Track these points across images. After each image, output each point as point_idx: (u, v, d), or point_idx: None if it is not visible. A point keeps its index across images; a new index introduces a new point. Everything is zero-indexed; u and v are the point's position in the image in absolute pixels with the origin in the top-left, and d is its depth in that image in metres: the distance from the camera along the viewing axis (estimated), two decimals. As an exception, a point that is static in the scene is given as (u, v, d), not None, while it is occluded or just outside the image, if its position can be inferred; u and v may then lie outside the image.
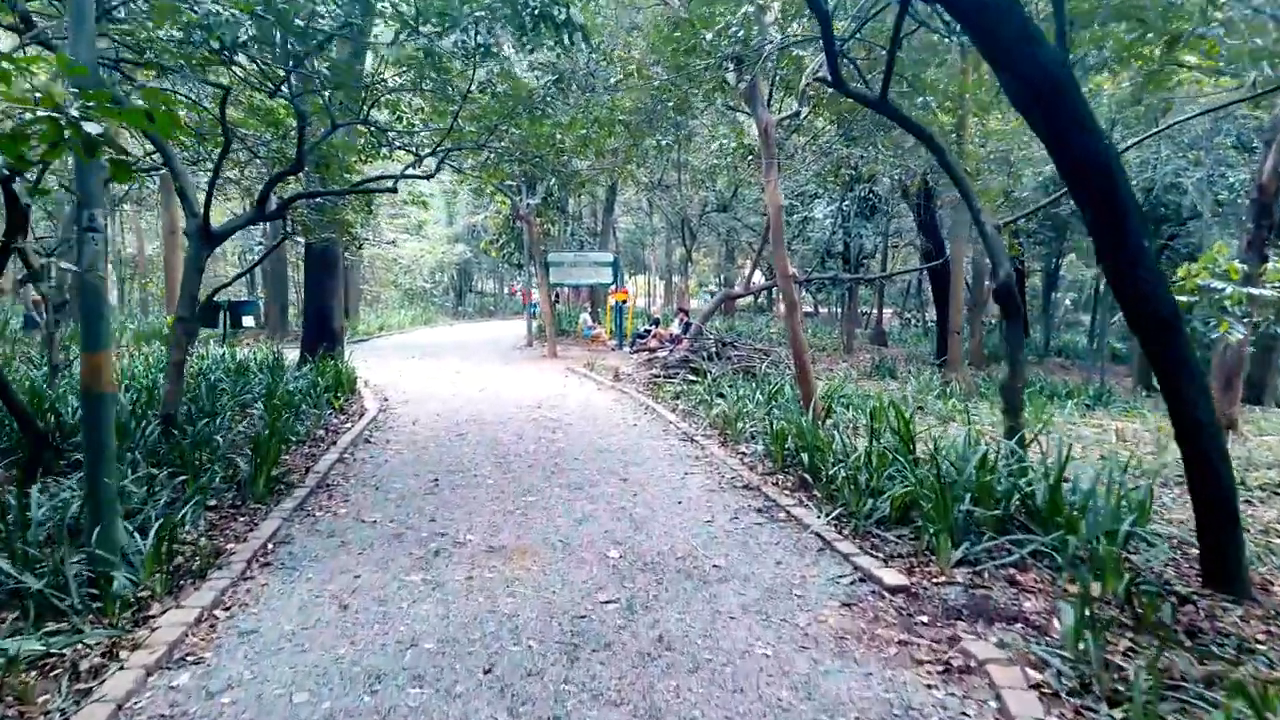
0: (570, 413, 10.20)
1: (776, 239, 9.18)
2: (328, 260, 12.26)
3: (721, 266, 35.67)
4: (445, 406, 10.65)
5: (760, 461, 7.32)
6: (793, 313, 9.20)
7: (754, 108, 9.01)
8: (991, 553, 4.79)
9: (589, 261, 21.86)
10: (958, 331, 13.02)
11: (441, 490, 6.35)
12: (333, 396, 10.19)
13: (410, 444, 8.18)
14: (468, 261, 38.09)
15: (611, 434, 8.81)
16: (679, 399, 10.92)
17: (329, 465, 6.95)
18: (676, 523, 5.52)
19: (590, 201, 31.05)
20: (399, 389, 12.33)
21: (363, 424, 8.97)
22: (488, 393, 12.06)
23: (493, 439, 8.43)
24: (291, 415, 8.28)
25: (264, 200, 7.91)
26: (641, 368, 13.97)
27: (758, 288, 20.09)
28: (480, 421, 9.50)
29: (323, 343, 12.22)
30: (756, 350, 13.23)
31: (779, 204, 9.12)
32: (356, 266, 28.48)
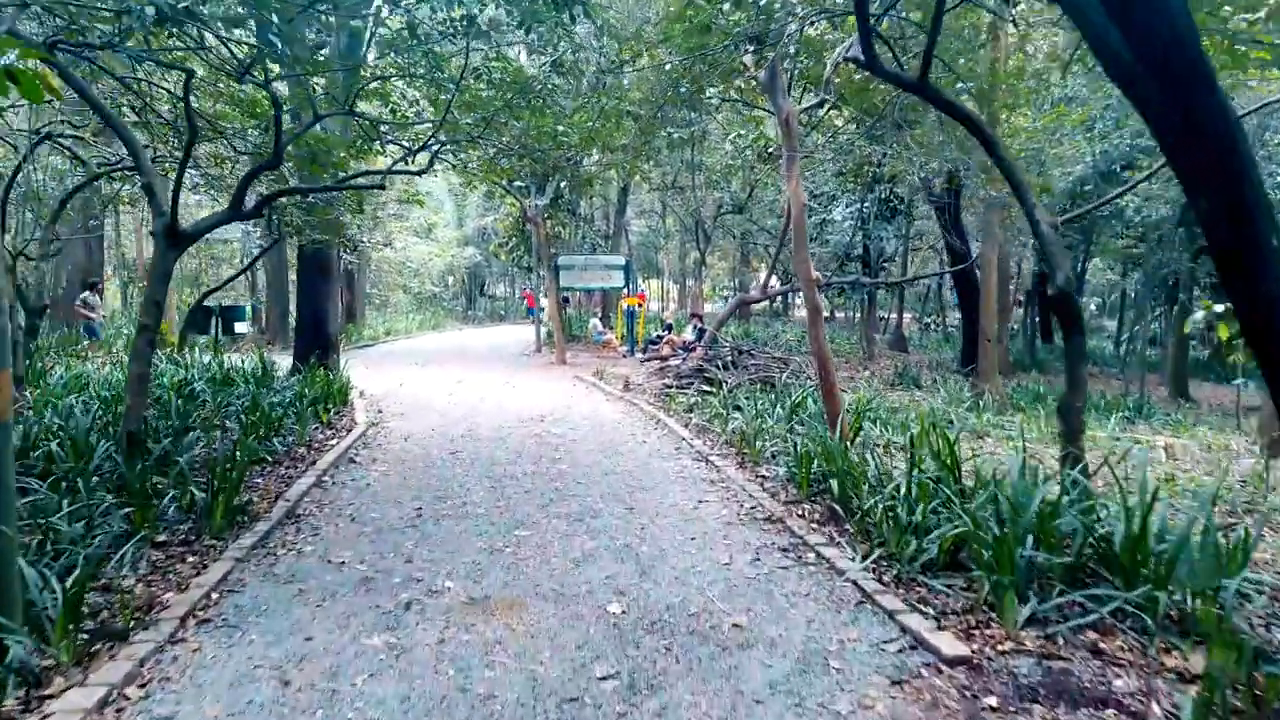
0: (575, 427, 9.48)
1: (798, 239, 8.43)
2: (321, 263, 11.61)
3: (736, 270, 34.90)
4: (442, 419, 9.95)
5: (783, 487, 6.56)
6: (816, 320, 8.44)
7: (774, 96, 8.27)
8: (1064, 610, 4.02)
9: (600, 265, 21.19)
10: (990, 339, 12.22)
11: (424, 522, 5.63)
12: (321, 409, 9.52)
13: (398, 464, 7.48)
14: (478, 265, 37.48)
15: (619, 452, 8.08)
16: (692, 412, 10.18)
17: (303, 491, 6.25)
18: (689, 565, 4.77)
19: (602, 204, 30.39)
20: (396, 399, 11.65)
21: (349, 440, 8.28)
22: (489, 404, 11.36)
23: (489, 458, 7.71)
24: (268, 432, 7.60)
25: (240, 197, 7.24)
26: (653, 377, 13.24)
27: (775, 292, 19.28)
28: (477, 437, 8.79)
29: (316, 350, 11.57)
30: (775, 359, 12.47)
31: (801, 201, 8.37)
32: (363, 270, 27.90)
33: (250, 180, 7.25)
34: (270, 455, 7.26)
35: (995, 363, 12.42)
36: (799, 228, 8.40)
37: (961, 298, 18.27)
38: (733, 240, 31.72)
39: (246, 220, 7.68)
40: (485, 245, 33.13)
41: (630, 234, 34.87)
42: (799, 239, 8.43)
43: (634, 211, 36.61)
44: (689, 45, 8.01)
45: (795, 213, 8.41)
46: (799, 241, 8.43)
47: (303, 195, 8.84)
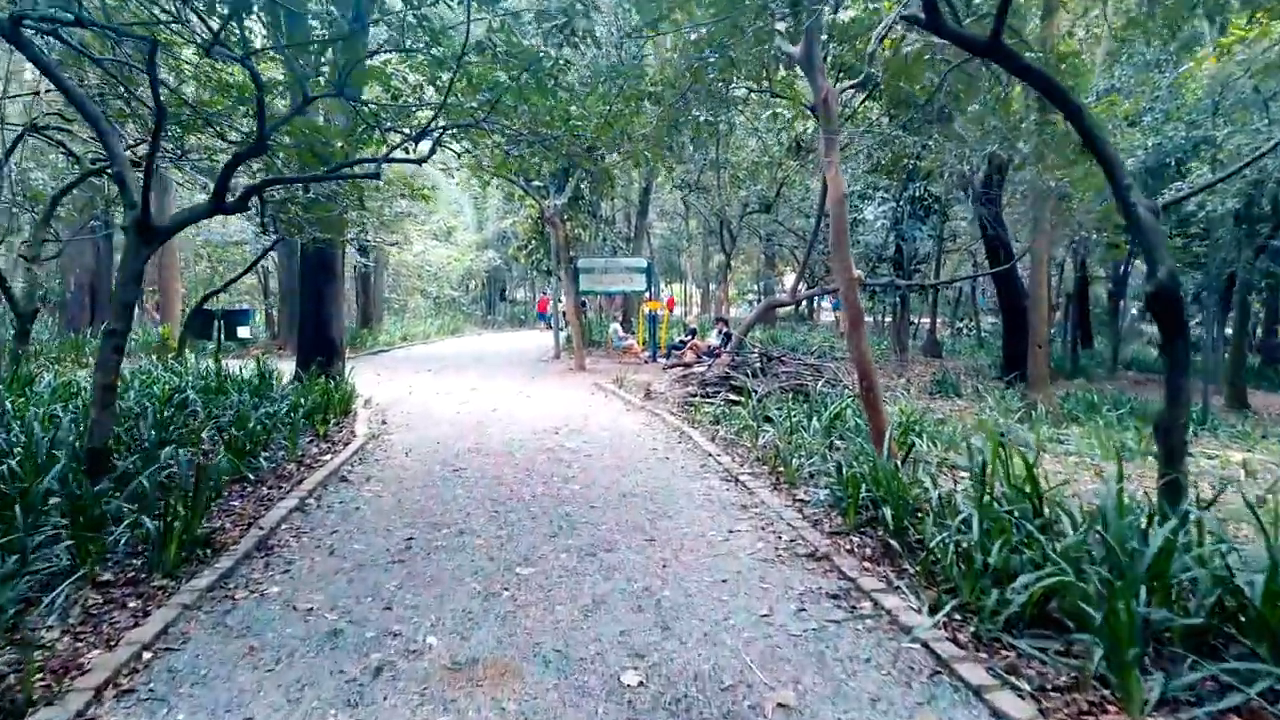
0: (591, 440, 8.71)
1: (838, 235, 7.60)
2: (325, 264, 10.95)
3: (761, 273, 34.01)
4: (449, 431, 9.23)
5: (826, 515, 5.73)
6: (857, 325, 7.61)
7: (810, 73, 7.47)
8: (1197, 689, 3.18)
9: (621, 267, 20.45)
10: (1041, 345, 11.30)
11: (413, 556, 4.88)
12: (318, 420, 8.84)
13: (394, 483, 6.74)
14: (497, 269, 36.88)
15: (638, 470, 7.29)
16: (719, 424, 9.38)
17: (281, 516, 5.53)
18: (721, 617, 3.97)
19: (624, 205, 29.65)
20: (402, 409, 10.95)
21: (345, 455, 7.57)
22: (501, 414, 10.62)
23: (494, 477, 6.96)
24: (253, 447, 6.90)
25: (222, 188, 6.56)
26: (676, 385, 12.44)
27: (806, 295, 18.38)
28: (485, 452, 8.05)
29: (319, 357, 10.90)
30: (807, 365, 11.63)
31: (841, 192, 7.55)
32: (380, 273, 27.38)
33: (233, 169, 6.56)
34: (253, 473, 6.56)
35: (1046, 371, 11.49)
36: (839, 220, 7.58)
37: (1003, 300, 17.30)
38: (758, 242, 30.83)
39: (231, 213, 7.01)
40: (505, 249, 32.51)
41: (652, 236, 34.12)
42: (839, 234, 7.60)
43: (656, 213, 35.85)
44: (717, 6, 7.18)
45: (834, 203, 7.59)
46: (839, 237, 7.61)
47: (294, 187, 8.18)
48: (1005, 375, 16.17)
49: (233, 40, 5.93)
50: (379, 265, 27.09)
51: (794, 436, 7.71)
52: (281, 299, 20.76)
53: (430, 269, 32.18)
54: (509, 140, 7.59)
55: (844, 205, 7.62)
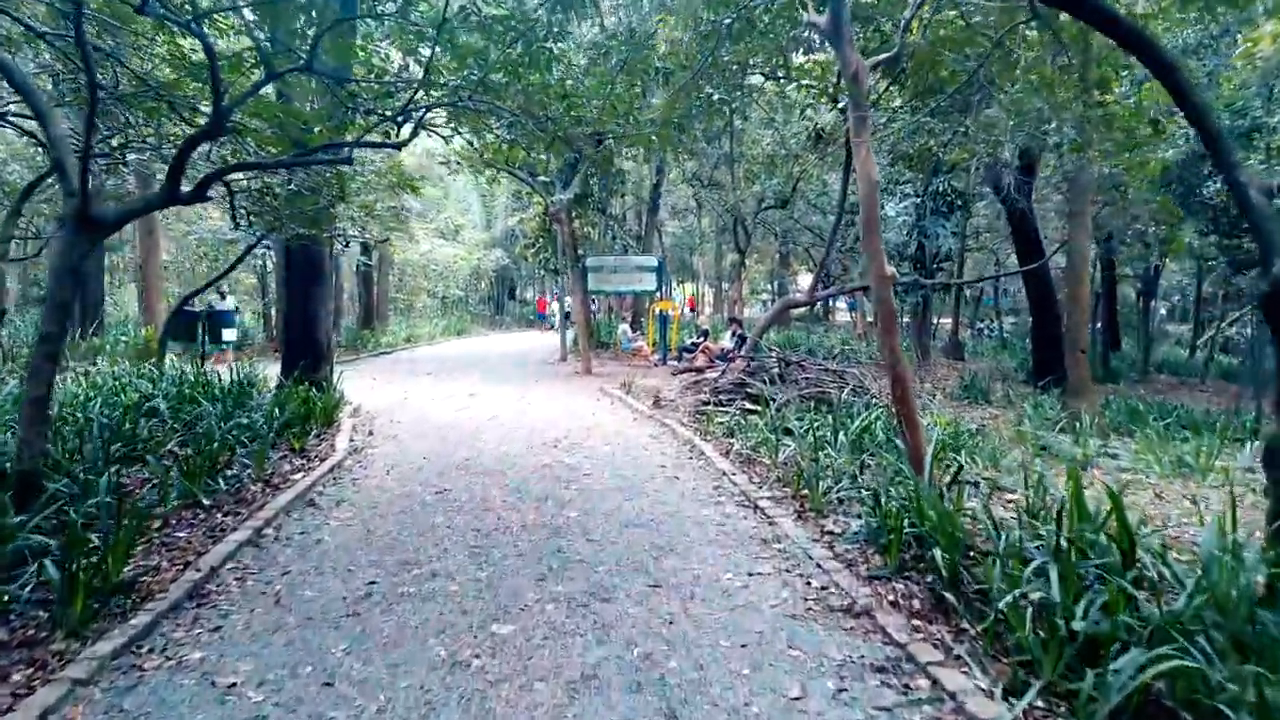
0: (593, 456, 7.92)
1: (869, 228, 6.78)
2: (310, 261, 10.21)
3: (776, 272, 33.11)
4: (439, 444, 8.46)
5: (861, 552, 4.91)
6: (890, 327, 6.78)
7: (838, 45, 6.64)
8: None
9: (631, 266, 19.64)
10: (1083, 348, 10.41)
11: (372, 608, 4.10)
12: (297, 432, 8.10)
13: (368, 509, 5.97)
14: (506, 268, 36.16)
15: (644, 492, 6.49)
16: (734, 436, 8.56)
17: (229, 552, 4.77)
18: (740, 702, 3.17)
19: (634, 203, 28.86)
20: (394, 417, 10.20)
21: (319, 473, 6.81)
22: (499, 423, 9.85)
23: (481, 501, 6.18)
24: (211, 467, 6.14)
25: (177, 174, 5.83)
26: (687, 391, 11.63)
27: (825, 294, 17.49)
28: (475, 469, 7.27)
29: (304, 361, 10.17)
30: (828, 371, 10.79)
31: (873, 179, 6.72)
32: (384, 273, 26.70)
33: (188, 153, 5.82)
34: (211, 497, 5.80)
35: (1088, 377, 10.61)
36: (869, 211, 6.75)
37: (1033, 300, 16.38)
38: (772, 240, 29.97)
39: (189, 203, 6.27)
40: (513, 247, 31.79)
41: (664, 234, 33.32)
42: (870, 226, 6.78)
43: (668, 212, 35.03)
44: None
45: (865, 191, 6.76)
46: (870, 229, 6.78)
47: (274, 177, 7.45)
48: (1037, 380, 15.26)
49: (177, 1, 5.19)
50: (383, 264, 26.41)
51: (819, 453, 6.89)
52: (279, 299, 20.07)
53: (436, 268, 31.48)
54: (502, 123, 6.80)
55: (875, 194, 6.79)
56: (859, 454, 7.03)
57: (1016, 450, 9.25)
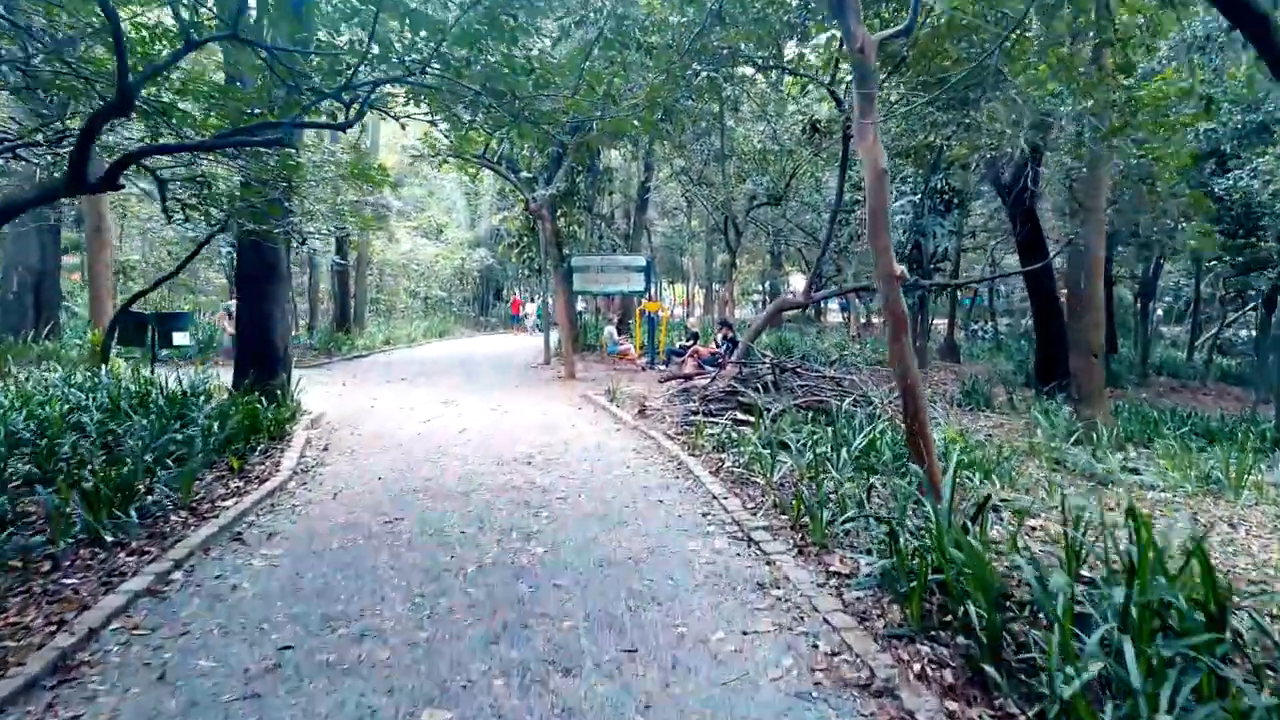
0: (570, 475, 7.14)
1: (876, 221, 6.03)
2: (265, 260, 9.37)
3: (767, 273, 32.37)
4: (401, 461, 7.67)
5: (876, 601, 4.16)
6: (900, 331, 6.04)
7: (843, 17, 5.90)
8: None
9: (618, 265, 18.88)
10: (1096, 353, 9.70)
11: (277, 685, 3.31)
12: (241, 448, 7.31)
13: (303, 543, 5.17)
14: (490, 268, 35.28)
15: (623, 520, 5.71)
16: (725, 451, 7.81)
17: (120, 605, 3.97)
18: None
19: (623, 201, 28.08)
20: (356, 429, 9.40)
21: (255, 498, 6.01)
22: (470, 435, 9.06)
23: (436, 533, 5.39)
24: (122, 495, 5.32)
25: (80, 159, 5.02)
26: (675, 399, 10.87)
27: (824, 295, 16.71)
28: (434, 493, 6.48)
29: (257, 368, 9.36)
30: (826, 378, 10.04)
31: (880, 166, 5.98)
32: (362, 272, 25.81)
33: (91, 134, 5.01)
34: (121, 531, 4.99)
35: (1102, 383, 9.89)
36: (877, 203, 6.01)
37: (1036, 301, 15.70)
38: (764, 239, 29.23)
39: (96, 192, 5.47)
40: (497, 246, 30.92)
41: (653, 234, 32.55)
42: (877, 219, 6.04)
43: (657, 211, 34.26)
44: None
45: (872, 179, 6.02)
46: (876, 222, 6.04)
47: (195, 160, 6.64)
48: (1041, 385, 14.59)
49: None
50: (362, 263, 25.53)
51: (819, 474, 6.14)
52: None
53: (418, 268, 30.59)
54: (464, 104, 6.01)
55: (885, 183, 6.05)
56: (865, 474, 6.28)
57: (1030, 464, 8.55)
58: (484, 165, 17.82)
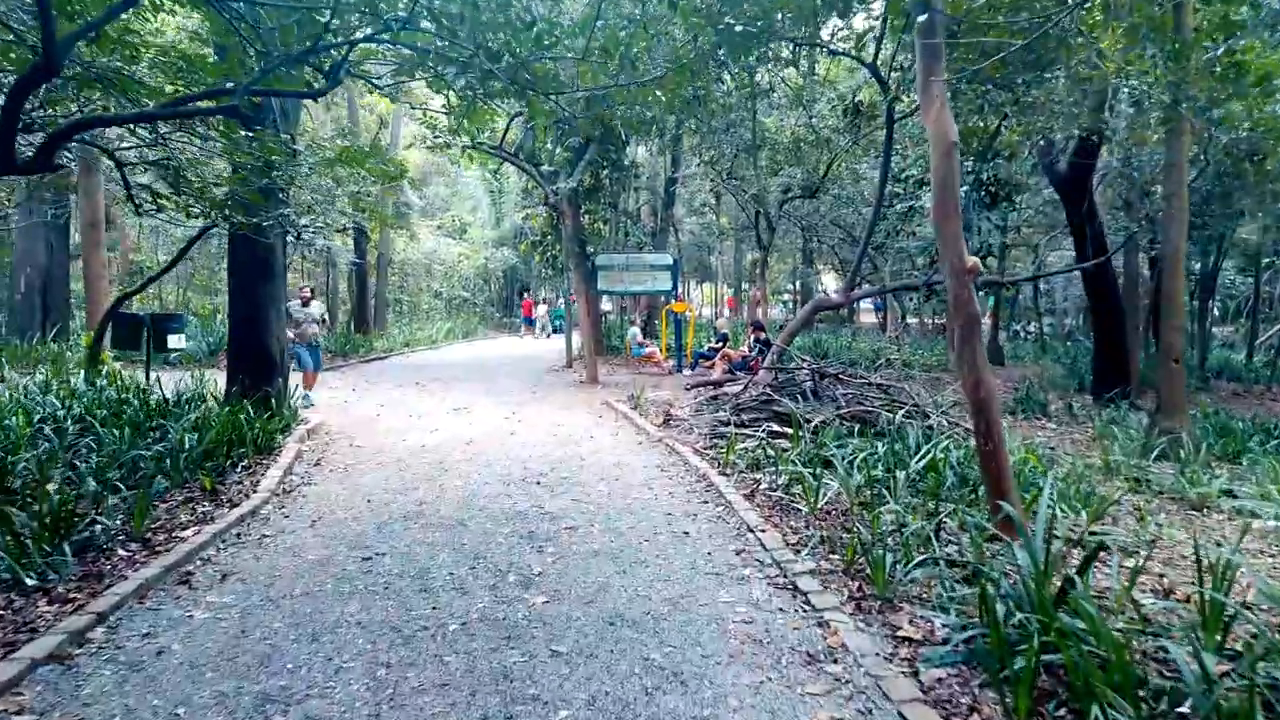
0: (583, 499, 6.26)
1: (944, 204, 5.09)
2: (258, 258, 8.63)
3: (799, 272, 31.27)
4: (396, 480, 6.85)
5: (963, 686, 3.22)
6: (971, 334, 5.10)
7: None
8: None
9: (644, 264, 18.01)
10: (1177, 359, 8.60)
11: (169, 812, 2.48)
12: (221, 464, 6.56)
13: (260, 589, 4.35)
14: (515, 268, 34.55)
15: (642, 559, 4.82)
16: (760, 470, 6.89)
17: (6, 682, 3.17)
18: None
19: (650, 199, 27.18)
20: (356, 440, 8.63)
21: (220, 527, 5.21)
22: (478, 448, 8.25)
23: (419, 574, 4.55)
24: (53, 530, 4.54)
25: (6, 134, 4.26)
26: (704, 408, 9.96)
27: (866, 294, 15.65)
28: (427, 521, 5.64)
29: (250, 374, 8.63)
30: (872, 385, 9.07)
31: (950, 139, 5.04)
32: (384, 271, 25.19)
33: (15, 106, 4.24)
34: (53, 573, 4.21)
35: (1182, 393, 8.76)
36: (945, 181, 5.07)
37: (1095, 301, 14.51)
38: (795, 237, 28.15)
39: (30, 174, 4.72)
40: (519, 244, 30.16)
41: (681, 232, 31.62)
42: (944, 202, 5.09)
43: (685, 209, 33.33)
44: None
45: (939, 156, 5.08)
46: (945, 207, 5.10)
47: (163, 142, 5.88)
48: (1099, 391, 13.45)
49: None
50: (383, 262, 24.91)
51: (873, 500, 5.22)
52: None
53: (441, 267, 29.93)
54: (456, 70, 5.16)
55: (955, 159, 5.10)
56: (926, 499, 5.35)
57: (1109, 484, 7.53)
58: (503, 158, 17.04)
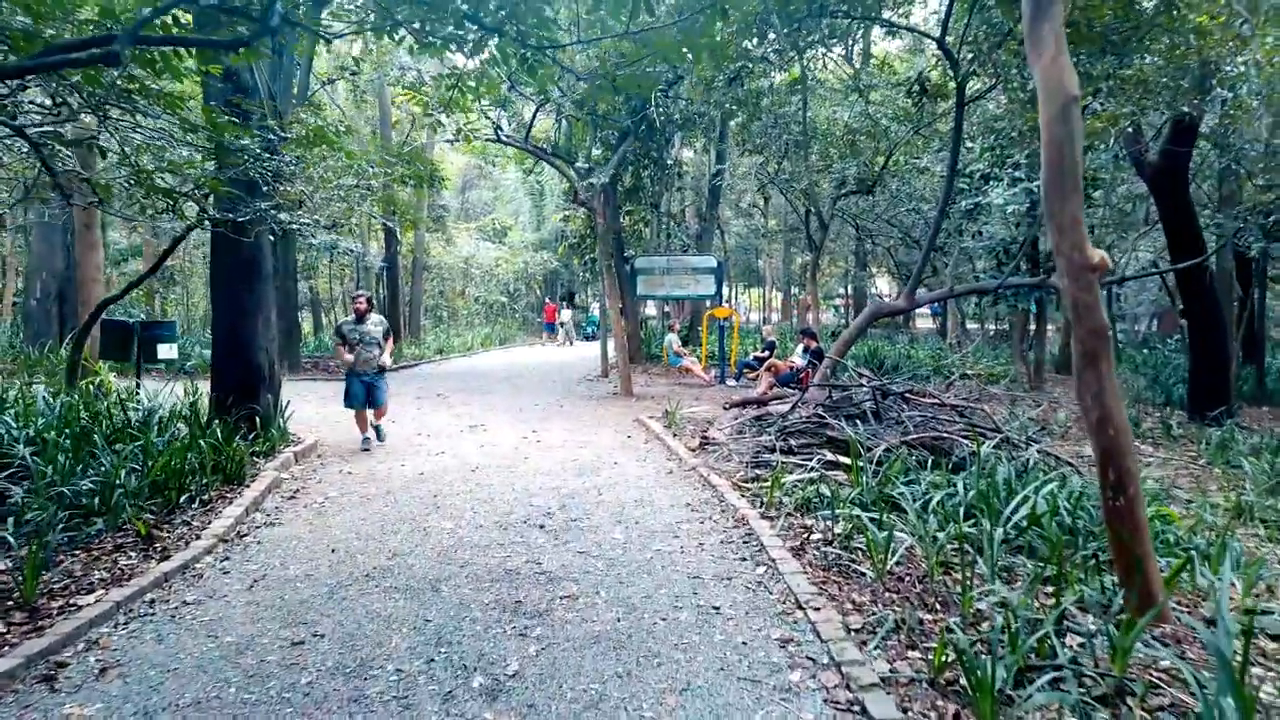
0: (592, 551, 5.09)
1: (1058, 179, 3.82)
2: (242, 260, 7.66)
3: (851, 275, 29.70)
4: (375, 521, 5.78)
5: None
6: (1099, 354, 3.82)
7: None
8: None
9: (686, 267, 16.85)
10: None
11: None
12: (173, 498, 5.59)
13: (143, 692, 3.27)
14: (555, 272, 33.62)
15: (655, 653, 3.64)
16: (813, 512, 5.66)
17: None
18: None
19: (694, 199, 26.00)
20: (347, 465, 7.63)
21: (130, 590, 4.19)
22: (482, 477, 7.16)
23: (359, 668, 3.43)
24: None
25: None
26: (746, 428, 8.73)
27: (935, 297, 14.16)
28: (393, 582, 4.53)
29: (237, 388, 7.70)
30: (943, 406, 7.73)
31: (1070, 92, 3.77)
32: (418, 276, 24.43)
33: None
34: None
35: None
36: (1062, 145, 3.80)
37: (1190, 307, 12.88)
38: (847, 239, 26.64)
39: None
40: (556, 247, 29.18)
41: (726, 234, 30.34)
42: (1060, 176, 3.83)
43: (731, 211, 32.04)
44: None
45: (1052, 114, 3.82)
46: (1060, 183, 3.83)
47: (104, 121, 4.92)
48: (1202, 408, 11.84)
49: None
50: (417, 267, 24.15)
51: (959, 559, 3.97)
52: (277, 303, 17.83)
53: (479, 271, 29.12)
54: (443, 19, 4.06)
55: (1075, 118, 3.82)
56: (1033, 567, 4.07)
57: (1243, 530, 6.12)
58: (533, 153, 16.06)
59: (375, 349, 8.29)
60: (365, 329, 8.29)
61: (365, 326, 8.31)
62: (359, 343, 8.24)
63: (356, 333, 8.28)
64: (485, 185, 38.28)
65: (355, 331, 8.28)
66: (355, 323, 8.34)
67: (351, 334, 8.28)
